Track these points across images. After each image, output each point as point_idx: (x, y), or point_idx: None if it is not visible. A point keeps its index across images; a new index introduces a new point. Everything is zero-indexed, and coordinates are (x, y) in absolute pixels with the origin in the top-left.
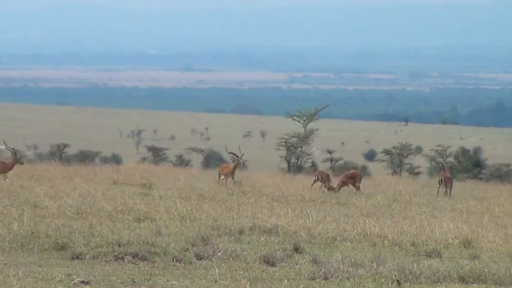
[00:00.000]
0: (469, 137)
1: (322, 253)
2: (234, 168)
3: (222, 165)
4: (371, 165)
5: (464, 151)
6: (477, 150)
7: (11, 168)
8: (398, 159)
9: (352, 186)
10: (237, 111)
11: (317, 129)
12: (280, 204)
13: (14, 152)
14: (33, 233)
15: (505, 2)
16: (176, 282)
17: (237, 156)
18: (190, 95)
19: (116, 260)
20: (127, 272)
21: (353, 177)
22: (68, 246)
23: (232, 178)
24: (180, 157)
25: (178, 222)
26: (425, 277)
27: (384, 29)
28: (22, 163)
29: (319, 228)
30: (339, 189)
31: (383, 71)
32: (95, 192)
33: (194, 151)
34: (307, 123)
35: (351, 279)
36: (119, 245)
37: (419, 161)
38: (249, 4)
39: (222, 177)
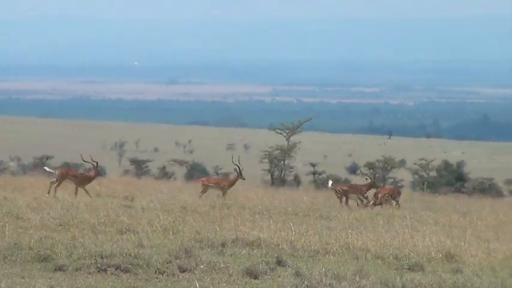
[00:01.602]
0: (452, 151)
1: (304, 266)
2: (234, 181)
3: (209, 178)
4: (354, 179)
5: (447, 165)
6: (460, 164)
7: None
8: (382, 173)
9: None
10: (221, 124)
11: (300, 142)
12: (263, 217)
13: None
14: (15, 244)
15: (490, 16)
16: None
17: (239, 170)
18: (175, 108)
19: (98, 271)
20: (110, 284)
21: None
22: (51, 258)
23: (225, 192)
24: (163, 169)
25: (160, 235)
26: None
27: (369, 43)
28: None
29: (302, 241)
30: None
31: (368, 84)
32: (77, 204)
33: (177, 163)
34: (290, 136)
35: None
36: (102, 257)
37: (402, 175)
38: (234, 17)
39: (203, 189)
